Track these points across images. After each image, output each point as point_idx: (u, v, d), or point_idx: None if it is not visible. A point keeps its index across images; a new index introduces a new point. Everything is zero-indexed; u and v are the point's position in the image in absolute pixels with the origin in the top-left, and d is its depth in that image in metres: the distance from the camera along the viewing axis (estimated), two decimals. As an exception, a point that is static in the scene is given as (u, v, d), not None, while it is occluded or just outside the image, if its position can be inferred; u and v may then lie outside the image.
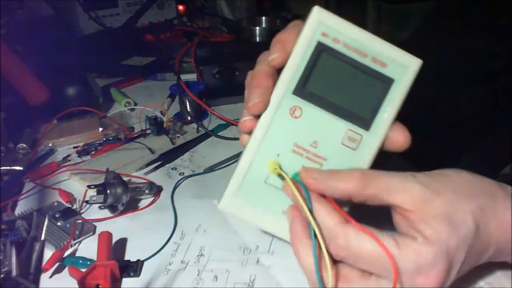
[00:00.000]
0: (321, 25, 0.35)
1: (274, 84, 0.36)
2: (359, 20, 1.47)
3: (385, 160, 0.37)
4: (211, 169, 0.58)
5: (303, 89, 0.35)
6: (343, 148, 0.36)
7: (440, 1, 0.59)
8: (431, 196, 0.32)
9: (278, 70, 0.36)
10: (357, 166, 0.35)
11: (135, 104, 0.78)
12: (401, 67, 0.35)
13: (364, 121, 0.35)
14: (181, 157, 0.62)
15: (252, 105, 0.35)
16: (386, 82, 0.35)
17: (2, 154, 0.61)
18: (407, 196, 0.32)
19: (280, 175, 0.36)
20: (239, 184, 0.37)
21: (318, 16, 0.35)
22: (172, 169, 0.59)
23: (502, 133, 0.56)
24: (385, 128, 0.35)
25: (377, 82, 0.35)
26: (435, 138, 0.44)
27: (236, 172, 0.37)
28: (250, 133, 0.37)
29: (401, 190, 0.32)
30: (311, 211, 0.33)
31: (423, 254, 0.31)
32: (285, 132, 0.36)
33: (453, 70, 0.54)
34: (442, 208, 0.32)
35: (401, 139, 0.35)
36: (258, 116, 0.36)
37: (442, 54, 0.55)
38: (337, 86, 0.35)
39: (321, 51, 0.35)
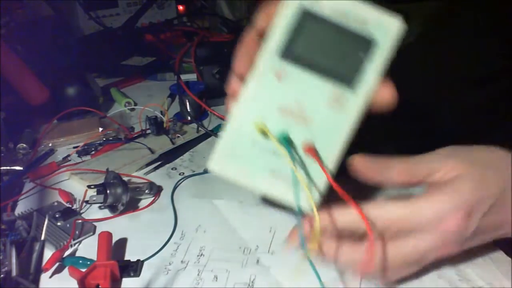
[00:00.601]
0: None
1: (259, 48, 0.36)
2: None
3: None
4: (211, 169, 0.58)
5: (287, 52, 0.36)
6: (329, 108, 0.36)
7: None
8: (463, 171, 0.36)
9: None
10: (343, 125, 0.36)
11: (135, 104, 0.78)
12: (383, 28, 0.35)
13: (349, 80, 0.36)
14: (181, 157, 0.62)
15: (237, 64, 0.37)
16: (368, 43, 0.35)
17: (2, 154, 0.61)
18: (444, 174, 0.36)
19: (265, 134, 0.36)
20: (227, 146, 0.37)
21: None
22: (172, 169, 0.59)
23: (502, 133, 0.56)
24: (370, 87, 0.36)
25: (359, 42, 0.35)
26: (435, 138, 0.44)
27: (224, 134, 0.37)
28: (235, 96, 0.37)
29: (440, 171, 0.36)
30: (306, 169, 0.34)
31: (445, 203, 0.35)
32: (271, 94, 0.36)
33: (454, 70, 0.54)
34: (470, 176, 0.35)
35: (386, 95, 0.35)
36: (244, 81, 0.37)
37: (444, 54, 0.55)
38: (320, 48, 0.36)
39: (305, 14, 0.35)
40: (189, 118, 0.71)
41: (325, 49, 0.36)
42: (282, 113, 0.36)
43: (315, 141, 0.36)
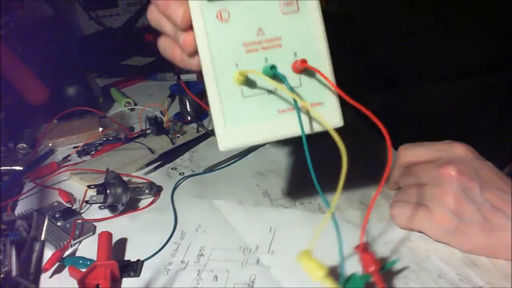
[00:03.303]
0: None
1: None
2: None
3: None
4: (211, 169, 0.58)
5: None
6: (287, 17, 0.34)
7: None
8: None
9: None
10: (310, 23, 0.33)
11: (135, 104, 0.78)
12: None
13: None
14: (181, 157, 0.62)
15: (181, 19, 0.34)
16: None
17: (2, 154, 0.61)
18: None
19: (248, 82, 0.34)
20: (221, 115, 0.34)
21: None
22: (172, 169, 0.59)
23: (502, 133, 0.56)
24: None
25: None
26: (435, 138, 0.44)
27: (212, 106, 0.34)
28: (195, 53, 0.35)
29: None
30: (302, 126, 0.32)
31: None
32: (227, 40, 0.34)
33: (452, 68, 0.54)
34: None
35: None
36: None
37: (442, 53, 0.55)
38: None
39: None
40: (189, 118, 0.71)
41: None
42: (250, 49, 0.34)
43: (299, 55, 0.34)
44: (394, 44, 0.54)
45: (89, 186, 0.51)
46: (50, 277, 0.41)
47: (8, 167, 0.58)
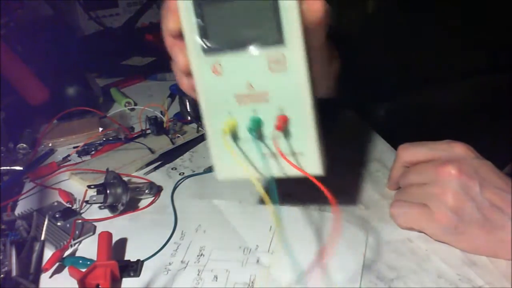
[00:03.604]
0: None
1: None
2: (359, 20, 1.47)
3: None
4: (211, 169, 0.58)
5: (207, 48, 0.35)
6: (275, 74, 0.35)
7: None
8: None
9: None
10: (296, 82, 0.35)
11: (135, 104, 0.78)
12: None
13: (276, 38, 0.34)
14: (181, 157, 0.62)
15: (181, 65, 0.37)
16: None
17: (2, 154, 0.61)
18: None
19: (235, 131, 0.37)
20: (217, 151, 0.38)
21: None
22: (172, 169, 0.59)
23: (502, 133, 0.56)
24: (298, 30, 0.34)
25: None
26: (434, 138, 0.44)
27: (209, 142, 0.38)
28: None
29: None
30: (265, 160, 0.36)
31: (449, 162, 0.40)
32: (220, 91, 0.36)
33: (452, 68, 0.54)
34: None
35: (314, 5, 0.34)
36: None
37: (440, 51, 0.55)
38: (234, 23, 0.35)
39: (201, 3, 0.35)
40: (189, 118, 0.71)
41: (239, 22, 0.35)
42: (240, 101, 0.36)
43: (284, 111, 0.36)
44: (394, 51, 0.54)
45: (89, 186, 0.51)
46: (50, 277, 0.41)
47: (8, 167, 0.58)
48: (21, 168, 0.58)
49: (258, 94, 0.36)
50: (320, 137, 0.36)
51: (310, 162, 0.37)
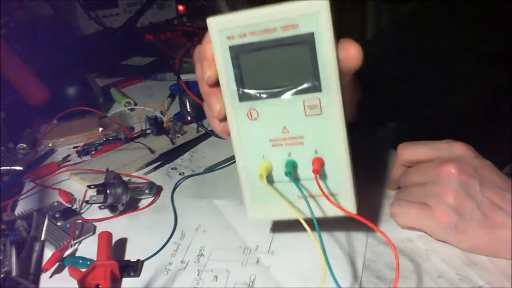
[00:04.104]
0: (221, 32, 0.35)
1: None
2: (359, 20, 1.47)
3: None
4: (211, 169, 0.58)
5: (244, 93, 0.36)
6: (311, 118, 0.36)
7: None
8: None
9: None
10: (331, 125, 0.36)
11: (135, 104, 0.78)
12: (312, 16, 0.33)
13: (312, 85, 0.35)
14: (181, 157, 0.62)
15: (217, 114, 0.38)
16: (308, 39, 0.34)
17: (2, 154, 0.61)
18: None
19: (270, 172, 0.38)
20: (249, 192, 0.39)
21: (214, 25, 0.36)
22: (172, 169, 0.59)
23: (502, 133, 0.56)
24: (335, 77, 0.34)
25: (300, 44, 0.34)
26: (434, 138, 0.44)
27: (242, 186, 0.39)
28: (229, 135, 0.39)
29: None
30: (312, 213, 0.35)
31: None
32: (255, 135, 0.37)
33: (452, 69, 0.54)
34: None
35: (352, 53, 0.35)
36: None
37: (440, 53, 0.55)
38: (271, 71, 0.35)
39: (237, 52, 0.35)
40: (189, 118, 0.71)
41: (276, 69, 0.35)
42: (275, 144, 0.37)
43: (319, 153, 0.36)
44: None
45: (89, 186, 0.51)
46: (50, 277, 0.41)
47: (8, 167, 0.58)
48: (21, 168, 0.58)
49: (293, 137, 0.37)
50: (354, 178, 0.37)
51: (344, 203, 0.37)
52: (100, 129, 0.67)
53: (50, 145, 0.65)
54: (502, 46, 0.51)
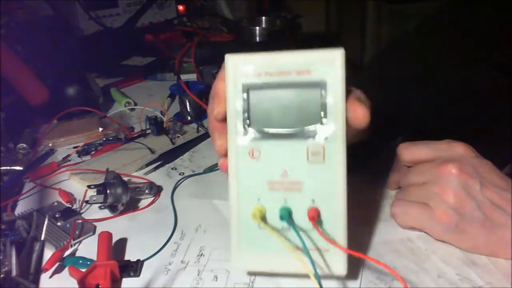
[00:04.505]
0: (238, 68, 0.36)
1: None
2: (359, 20, 1.47)
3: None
4: (211, 169, 0.58)
5: (249, 132, 0.36)
6: (312, 164, 0.35)
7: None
8: None
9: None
10: (332, 174, 0.35)
11: (135, 104, 0.78)
12: (326, 65, 0.34)
13: (318, 131, 0.35)
14: (181, 157, 0.62)
15: (218, 148, 0.39)
16: (319, 86, 0.35)
17: (2, 154, 0.61)
18: None
19: (264, 219, 0.36)
20: (237, 238, 0.37)
21: (232, 61, 0.36)
22: (172, 169, 0.59)
23: (502, 133, 0.56)
24: (342, 126, 0.35)
25: (311, 90, 0.35)
26: (434, 138, 0.44)
27: (232, 227, 0.37)
28: None
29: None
30: (308, 253, 0.33)
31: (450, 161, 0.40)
32: (254, 176, 0.36)
33: (452, 71, 0.54)
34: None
35: (360, 113, 0.36)
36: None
37: (442, 55, 0.55)
38: (279, 112, 0.36)
39: (249, 89, 0.36)
40: (189, 118, 0.71)
41: (285, 111, 0.36)
42: (273, 188, 0.36)
43: (316, 202, 0.35)
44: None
45: (89, 186, 0.51)
46: (50, 277, 0.41)
47: (8, 167, 0.58)
48: (21, 168, 0.58)
49: (292, 182, 0.36)
50: (348, 233, 0.35)
51: (336, 261, 0.36)
52: (100, 129, 0.67)
53: (50, 145, 0.65)
54: (502, 53, 0.52)
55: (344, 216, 0.35)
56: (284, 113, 0.35)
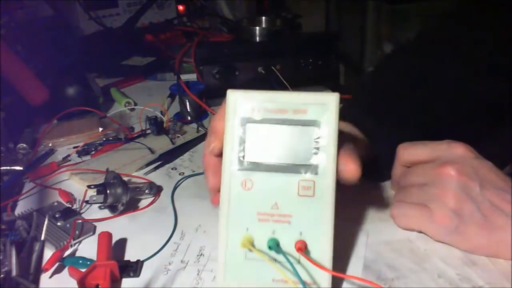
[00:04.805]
0: (238, 103, 0.37)
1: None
2: (359, 20, 1.47)
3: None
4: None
5: (244, 163, 0.37)
6: (303, 198, 0.37)
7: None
8: None
9: None
10: (321, 209, 0.36)
11: (135, 104, 0.78)
12: (321, 107, 0.36)
13: (310, 167, 0.37)
14: (181, 157, 0.62)
15: (211, 184, 0.42)
16: (312, 125, 0.36)
17: (2, 154, 0.61)
18: None
19: (253, 246, 0.37)
20: (223, 266, 0.38)
21: (233, 97, 0.38)
22: (172, 169, 0.59)
23: (502, 134, 0.56)
24: (332, 164, 0.36)
25: (305, 128, 0.37)
26: (434, 138, 0.44)
27: (219, 256, 0.38)
28: None
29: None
30: (299, 276, 0.34)
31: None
32: (245, 206, 0.37)
33: (453, 73, 0.54)
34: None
35: (351, 168, 0.38)
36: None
37: (443, 58, 0.55)
38: (273, 147, 0.37)
39: (247, 124, 0.37)
40: (189, 118, 0.71)
41: (278, 146, 0.37)
42: (262, 219, 0.37)
43: (304, 235, 0.36)
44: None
45: (89, 186, 0.51)
46: (50, 277, 0.41)
47: (8, 167, 0.58)
48: (21, 168, 0.58)
49: (281, 215, 0.37)
50: (331, 267, 0.36)
51: None
52: (100, 129, 0.67)
53: (50, 145, 0.65)
54: (502, 57, 0.52)
55: (331, 249, 0.36)
56: (279, 148, 0.37)
